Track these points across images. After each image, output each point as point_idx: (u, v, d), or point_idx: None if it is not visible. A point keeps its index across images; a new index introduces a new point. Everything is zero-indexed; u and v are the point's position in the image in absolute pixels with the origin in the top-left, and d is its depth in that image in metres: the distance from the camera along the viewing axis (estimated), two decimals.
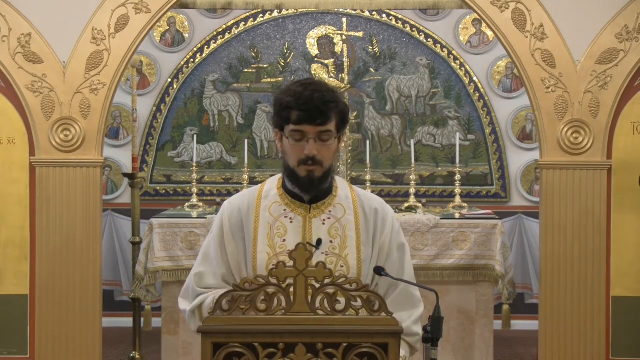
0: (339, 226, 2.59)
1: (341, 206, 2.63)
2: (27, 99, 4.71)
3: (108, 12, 4.73)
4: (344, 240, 2.58)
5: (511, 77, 7.28)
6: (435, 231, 5.40)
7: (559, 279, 4.71)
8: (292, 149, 2.52)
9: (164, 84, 7.28)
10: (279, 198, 2.63)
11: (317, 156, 2.49)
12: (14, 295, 4.77)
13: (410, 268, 2.69)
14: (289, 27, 7.30)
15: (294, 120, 2.48)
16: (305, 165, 2.51)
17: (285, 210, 2.61)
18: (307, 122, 2.47)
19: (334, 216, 2.61)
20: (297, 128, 2.49)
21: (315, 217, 2.60)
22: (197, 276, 2.63)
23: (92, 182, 4.73)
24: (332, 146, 2.53)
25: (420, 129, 7.28)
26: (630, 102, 4.74)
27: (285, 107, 2.50)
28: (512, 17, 4.71)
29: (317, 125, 2.48)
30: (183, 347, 5.35)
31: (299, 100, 2.47)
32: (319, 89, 2.49)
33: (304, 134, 2.49)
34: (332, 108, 2.49)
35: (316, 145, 2.49)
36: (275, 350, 2.14)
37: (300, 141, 2.50)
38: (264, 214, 2.60)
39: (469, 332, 5.37)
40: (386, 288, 2.63)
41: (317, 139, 2.49)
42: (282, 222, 2.59)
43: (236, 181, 7.12)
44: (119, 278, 7.21)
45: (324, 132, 2.49)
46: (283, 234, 2.58)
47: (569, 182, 4.71)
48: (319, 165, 2.52)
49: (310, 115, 2.46)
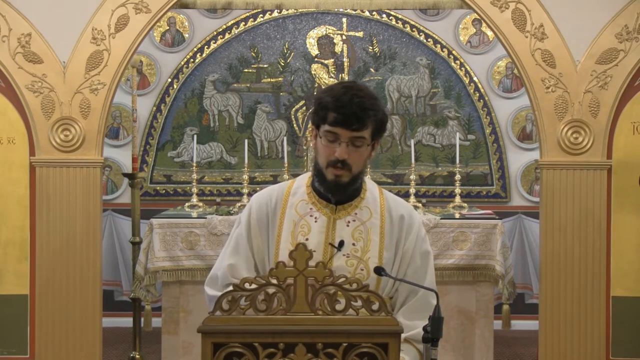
0: (363, 229, 2.59)
1: (368, 209, 2.62)
2: (27, 99, 4.71)
3: (108, 12, 4.73)
4: (366, 243, 2.58)
5: (511, 77, 7.28)
6: (435, 231, 5.40)
7: (559, 279, 4.71)
8: (323, 149, 2.52)
9: (164, 84, 7.28)
10: (307, 196, 2.63)
11: (347, 160, 2.48)
12: (14, 295, 4.76)
13: (432, 276, 2.67)
14: (289, 27, 7.30)
15: (329, 121, 2.47)
16: (333, 168, 2.50)
17: (311, 209, 2.61)
18: (342, 126, 2.46)
19: (359, 219, 2.60)
20: (332, 130, 2.48)
21: (340, 219, 2.60)
22: (231, 268, 2.62)
23: (92, 182, 4.73)
24: (363, 152, 2.52)
25: (420, 129, 7.28)
26: (630, 102, 4.74)
27: (323, 106, 2.49)
28: (512, 17, 4.71)
29: (352, 130, 2.46)
30: (183, 347, 5.35)
31: (338, 102, 2.46)
32: (359, 94, 2.47)
33: (337, 136, 2.48)
34: (370, 115, 2.47)
35: (348, 149, 2.48)
36: (275, 350, 2.14)
37: (333, 143, 2.49)
38: (290, 211, 2.61)
39: (469, 332, 5.37)
40: (406, 294, 2.62)
41: (350, 143, 2.48)
42: (306, 220, 2.60)
43: (236, 181, 7.12)
44: (119, 278, 7.21)
45: (358, 138, 2.48)
46: (306, 233, 2.58)
47: (569, 182, 4.71)
48: (347, 170, 2.51)
49: (346, 119, 2.45)
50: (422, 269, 2.64)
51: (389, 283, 2.60)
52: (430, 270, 2.66)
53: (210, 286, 2.67)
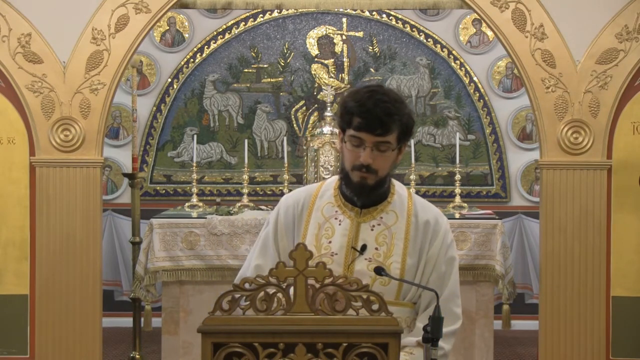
0: (388, 234, 2.58)
1: (394, 213, 2.61)
2: (27, 99, 4.71)
3: (108, 12, 4.73)
4: (390, 248, 2.57)
5: (511, 77, 7.29)
6: None
7: (559, 279, 4.71)
8: (349, 153, 2.51)
9: (164, 84, 7.28)
10: (333, 199, 2.64)
11: (371, 165, 2.48)
12: (14, 295, 4.76)
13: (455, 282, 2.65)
14: (289, 27, 7.30)
15: (354, 126, 2.47)
16: (359, 172, 2.50)
17: (337, 212, 2.61)
18: (366, 131, 2.45)
19: (385, 223, 2.60)
20: (357, 134, 2.47)
21: (365, 222, 2.59)
22: (257, 268, 2.63)
23: (92, 182, 4.73)
24: (389, 157, 2.51)
25: (420, 129, 7.28)
26: (630, 102, 4.73)
27: (348, 110, 2.49)
28: (512, 17, 4.71)
29: (377, 135, 2.46)
30: (183, 347, 5.35)
31: (362, 107, 2.45)
32: (384, 99, 2.46)
33: (362, 141, 2.47)
34: (395, 120, 2.46)
35: (372, 154, 2.47)
36: (275, 350, 2.14)
37: (358, 147, 2.48)
38: (316, 213, 2.61)
39: (469, 332, 5.36)
40: (428, 300, 2.60)
41: (375, 148, 2.47)
42: (331, 223, 2.60)
43: (236, 181, 7.12)
44: (119, 278, 7.22)
45: (382, 142, 2.48)
46: (330, 236, 2.58)
47: (569, 182, 4.71)
48: (373, 174, 2.51)
49: (370, 124, 2.44)
50: (446, 275, 2.62)
51: (412, 289, 2.59)
52: (454, 277, 2.64)
53: None
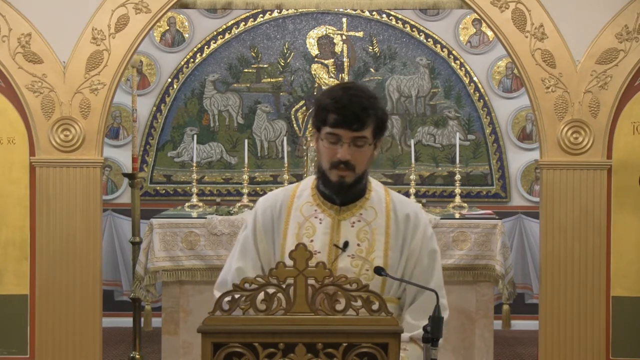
0: (368, 229, 2.59)
1: (373, 209, 2.62)
2: (27, 99, 4.71)
3: (108, 12, 4.73)
4: (371, 243, 2.58)
5: (511, 77, 7.29)
6: (435, 231, 5.29)
7: (559, 279, 4.71)
8: (326, 151, 2.52)
9: (164, 84, 7.28)
10: (311, 198, 2.64)
11: (350, 161, 2.49)
12: (14, 295, 4.76)
13: (439, 275, 2.67)
14: (289, 27, 7.30)
15: (330, 123, 2.48)
16: (337, 170, 2.51)
17: (316, 211, 2.61)
18: (343, 127, 2.47)
19: (364, 219, 2.60)
20: (333, 131, 2.48)
21: (345, 219, 2.60)
22: (239, 271, 2.62)
23: (92, 182, 4.73)
24: (366, 152, 2.53)
25: (420, 129, 7.28)
26: (630, 102, 4.74)
27: (323, 108, 2.50)
28: (512, 17, 4.71)
29: (353, 130, 2.47)
30: (183, 347, 5.35)
31: (337, 103, 2.47)
32: (358, 94, 2.49)
33: (339, 137, 2.48)
34: (370, 115, 2.48)
35: (350, 150, 2.48)
36: (275, 350, 2.14)
37: (335, 144, 2.49)
38: (295, 213, 2.61)
39: (469, 332, 5.37)
40: (414, 294, 2.62)
41: (352, 144, 2.49)
42: (311, 222, 2.60)
43: (236, 181, 7.12)
44: (119, 278, 7.22)
45: (359, 137, 2.49)
46: (311, 235, 2.58)
47: (569, 182, 4.71)
48: (351, 171, 2.51)
49: (346, 120, 2.46)
50: (430, 268, 2.64)
51: (395, 283, 2.60)
52: (437, 269, 2.67)
53: (220, 290, 2.66)
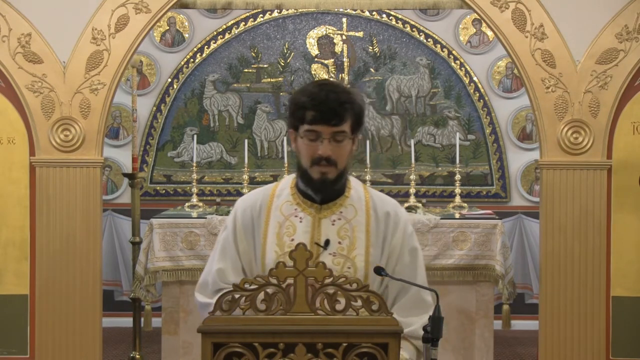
0: (349, 227, 2.59)
1: (353, 207, 2.62)
2: (27, 99, 4.71)
3: (108, 12, 4.73)
4: (352, 241, 2.57)
5: (511, 77, 7.29)
6: (435, 231, 5.40)
7: (559, 279, 4.71)
8: (306, 149, 2.52)
9: (164, 84, 7.28)
10: (291, 197, 2.63)
11: (331, 157, 2.49)
12: (14, 295, 4.76)
13: (423, 272, 2.67)
14: (289, 27, 7.30)
15: (308, 120, 2.49)
16: (318, 166, 2.51)
17: (296, 210, 2.61)
18: (321, 123, 2.48)
19: (345, 217, 2.60)
20: (312, 128, 2.49)
21: (325, 218, 2.60)
22: (219, 272, 2.61)
23: (92, 182, 4.73)
24: (346, 147, 2.53)
25: (420, 129, 7.28)
26: (630, 102, 4.74)
27: (300, 106, 2.51)
28: (512, 17, 4.71)
29: (332, 126, 2.48)
30: (183, 347, 5.35)
31: (314, 100, 2.48)
32: (334, 90, 2.50)
33: (318, 134, 2.49)
34: (347, 109, 2.49)
35: (330, 145, 2.49)
36: (275, 350, 2.14)
37: (315, 141, 2.50)
38: (275, 212, 2.61)
39: (469, 332, 5.37)
40: (396, 292, 2.62)
41: (332, 139, 2.49)
42: (291, 221, 2.59)
43: (236, 181, 7.12)
44: (119, 278, 7.22)
45: (339, 132, 2.49)
46: (292, 234, 2.58)
47: (569, 182, 4.71)
48: (333, 167, 2.51)
49: (324, 115, 2.47)
50: (412, 265, 2.63)
51: (377, 280, 2.59)
52: (420, 267, 2.66)
53: (201, 292, 2.66)
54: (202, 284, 2.66)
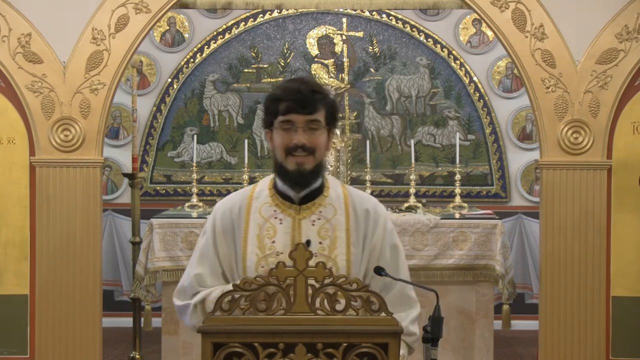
0: (329, 227, 2.58)
1: (332, 206, 2.62)
2: (27, 99, 4.71)
3: (108, 12, 4.73)
4: (333, 241, 2.57)
5: (511, 77, 7.29)
6: (435, 231, 5.40)
7: (559, 279, 4.71)
8: (281, 139, 2.53)
9: (164, 84, 7.28)
10: (270, 199, 2.63)
11: (306, 144, 2.50)
12: (14, 295, 4.77)
13: (406, 269, 2.68)
14: (289, 27, 7.30)
15: (282, 110, 2.52)
16: (293, 156, 2.52)
17: (276, 211, 2.60)
18: (295, 112, 2.50)
19: (324, 217, 2.60)
20: (286, 118, 2.51)
21: (305, 218, 2.59)
22: (197, 277, 2.61)
23: (92, 182, 4.73)
24: (321, 137, 2.54)
25: (420, 129, 7.28)
26: (630, 102, 4.74)
27: (273, 100, 2.55)
28: (512, 17, 4.71)
29: (306, 114, 2.50)
30: (183, 347, 5.35)
31: (286, 91, 2.53)
32: (306, 82, 2.56)
33: (292, 123, 2.51)
34: (319, 98, 2.53)
35: (305, 134, 2.51)
36: (275, 350, 2.14)
37: (289, 131, 2.52)
38: (254, 215, 2.60)
39: (469, 332, 5.37)
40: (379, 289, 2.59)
41: (306, 127, 2.51)
42: (271, 223, 2.59)
43: (236, 181, 7.12)
44: (119, 278, 7.22)
45: (313, 121, 2.52)
46: (272, 235, 2.57)
47: (569, 182, 4.71)
48: (311, 155, 2.52)
49: (298, 104, 2.50)
50: (394, 262, 2.63)
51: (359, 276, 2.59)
52: (402, 263, 2.66)
53: (179, 297, 2.65)
54: (180, 289, 2.66)
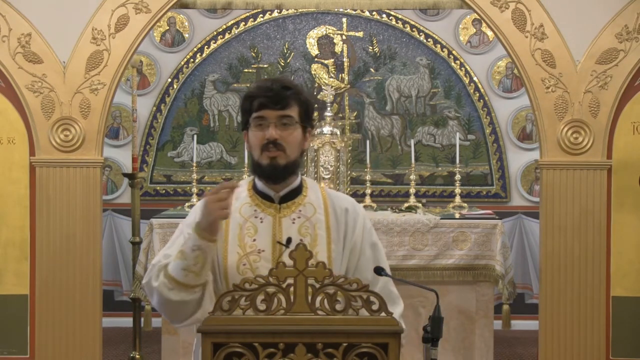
0: (309, 225, 2.61)
1: (311, 205, 2.64)
2: (27, 99, 4.71)
3: (108, 12, 4.73)
4: (314, 238, 2.59)
5: (511, 77, 7.28)
6: (435, 231, 5.40)
7: (559, 279, 4.71)
8: (254, 138, 2.56)
9: (164, 84, 7.28)
10: (250, 199, 2.65)
11: (278, 140, 2.52)
12: (14, 295, 4.76)
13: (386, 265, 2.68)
14: (289, 27, 7.29)
15: (255, 107, 2.55)
16: (267, 152, 2.54)
17: (256, 211, 2.62)
18: (267, 107, 2.53)
19: (304, 215, 2.62)
20: (259, 114, 2.54)
21: (285, 217, 2.61)
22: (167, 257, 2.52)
23: (92, 182, 4.73)
24: (295, 134, 2.56)
25: (420, 129, 7.28)
26: (630, 102, 4.74)
27: (248, 97, 2.58)
28: (512, 17, 4.71)
29: (278, 109, 2.53)
30: (183, 347, 5.35)
31: (260, 87, 2.57)
32: (278, 80, 2.60)
33: (265, 119, 2.53)
34: (292, 94, 2.55)
35: (277, 130, 2.53)
36: (275, 350, 2.14)
37: (262, 127, 2.54)
38: (235, 215, 2.60)
39: (469, 332, 5.37)
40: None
41: (278, 123, 2.53)
42: (252, 222, 2.61)
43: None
44: (119, 278, 7.22)
45: (284, 116, 2.54)
46: (253, 234, 2.59)
47: (569, 182, 4.71)
48: (282, 152, 2.54)
49: (270, 99, 2.53)
50: (375, 259, 2.65)
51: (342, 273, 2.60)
52: (383, 261, 2.68)
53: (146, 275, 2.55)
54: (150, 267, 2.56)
